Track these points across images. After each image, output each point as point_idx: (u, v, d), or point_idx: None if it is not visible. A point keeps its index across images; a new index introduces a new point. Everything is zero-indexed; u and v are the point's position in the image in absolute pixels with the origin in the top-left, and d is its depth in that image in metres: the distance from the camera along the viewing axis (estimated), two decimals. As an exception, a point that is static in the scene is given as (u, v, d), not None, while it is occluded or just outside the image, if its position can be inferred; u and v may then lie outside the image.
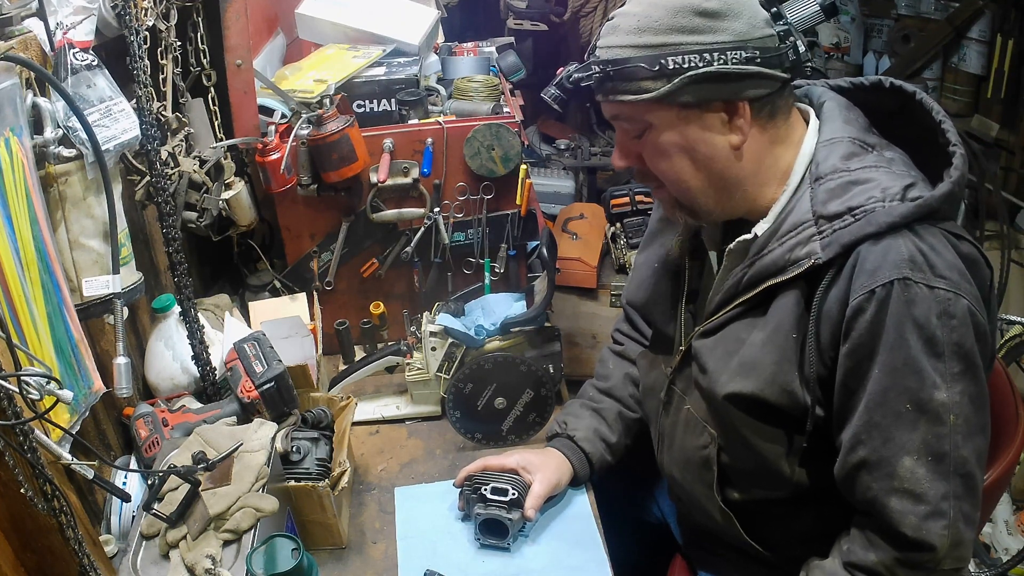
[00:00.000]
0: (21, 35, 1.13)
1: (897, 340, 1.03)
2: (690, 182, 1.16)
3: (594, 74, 1.12)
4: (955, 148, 1.12)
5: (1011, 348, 2.45)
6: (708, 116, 1.11)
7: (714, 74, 1.07)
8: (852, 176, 1.10)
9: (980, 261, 1.10)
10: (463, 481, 1.42)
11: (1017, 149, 2.77)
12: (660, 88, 1.08)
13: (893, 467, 1.06)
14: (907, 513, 1.06)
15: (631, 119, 1.15)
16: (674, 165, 1.15)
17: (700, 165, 1.14)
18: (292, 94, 1.78)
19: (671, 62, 1.07)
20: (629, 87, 1.10)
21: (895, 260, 1.03)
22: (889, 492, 1.06)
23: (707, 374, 1.22)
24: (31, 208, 1.10)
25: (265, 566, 1.09)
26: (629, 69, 1.09)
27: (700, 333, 1.25)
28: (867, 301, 1.04)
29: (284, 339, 1.61)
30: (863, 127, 1.18)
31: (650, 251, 1.45)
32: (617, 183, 2.99)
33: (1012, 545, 2.44)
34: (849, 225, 1.07)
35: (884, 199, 1.06)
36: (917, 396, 1.04)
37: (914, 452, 1.05)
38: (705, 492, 1.29)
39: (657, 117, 1.12)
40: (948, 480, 1.05)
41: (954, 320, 1.03)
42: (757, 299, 1.16)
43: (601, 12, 2.88)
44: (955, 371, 1.04)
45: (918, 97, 1.18)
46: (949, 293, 1.03)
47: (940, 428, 1.04)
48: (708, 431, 1.26)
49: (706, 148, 1.13)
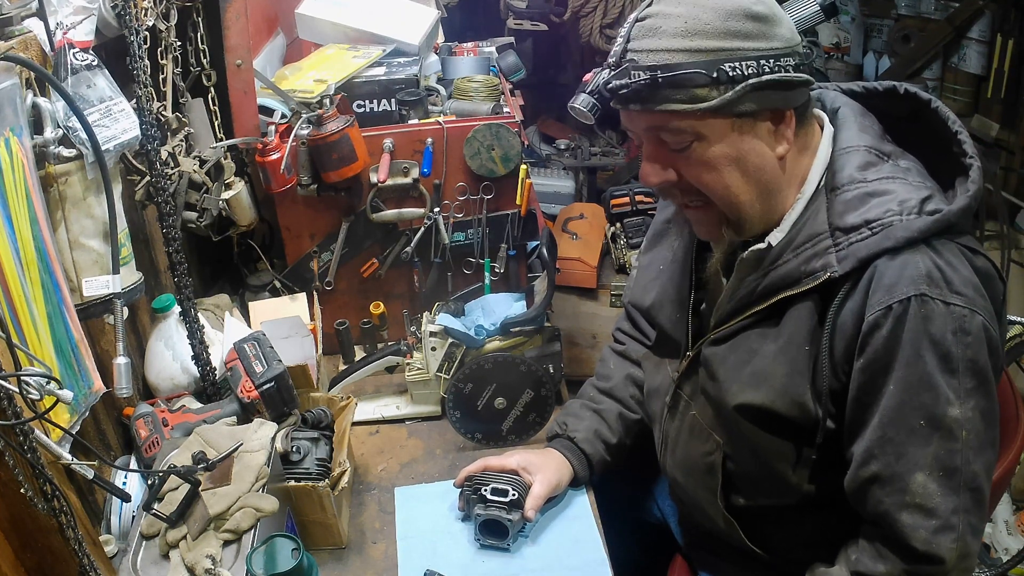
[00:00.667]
0: (21, 35, 1.13)
1: (913, 356, 1.03)
2: (740, 195, 1.10)
3: (639, 81, 1.03)
4: (972, 160, 1.10)
5: (1011, 348, 2.45)
6: (759, 125, 1.08)
7: (774, 82, 1.04)
8: (869, 187, 1.09)
9: (994, 276, 1.10)
10: (463, 481, 1.42)
11: (1017, 149, 2.76)
12: (719, 97, 1.02)
13: (905, 482, 1.06)
14: (918, 528, 1.05)
15: (677, 131, 1.07)
16: (724, 178, 1.09)
17: (750, 177, 1.10)
18: (292, 94, 1.78)
19: (730, 69, 1.01)
20: (682, 95, 1.03)
21: (912, 276, 1.02)
22: (900, 507, 1.06)
23: (717, 383, 1.21)
24: (31, 208, 1.10)
25: (265, 566, 1.09)
26: (683, 76, 1.01)
27: (711, 341, 1.24)
28: (884, 317, 1.03)
29: (284, 339, 1.61)
30: (878, 134, 1.16)
31: (655, 252, 1.43)
32: (617, 183, 3.00)
33: (1012, 545, 2.44)
34: (866, 239, 1.06)
35: (902, 212, 1.05)
36: (932, 412, 1.04)
37: (926, 468, 1.05)
38: (708, 497, 1.29)
39: (710, 128, 1.05)
40: (958, 495, 1.05)
41: (969, 336, 1.03)
42: (770, 310, 1.15)
43: (601, 12, 2.88)
44: (968, 387, 1.04)
45: (933, 105, 1.16)
46: (965, 310, 1.03)
47: (952, 444, 1.04)
48: (714, 438, 1.26)
49: (757, 159, 1.09)
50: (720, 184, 1.10)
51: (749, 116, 1.06)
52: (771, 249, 1.14)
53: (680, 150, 1.09)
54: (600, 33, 2.91)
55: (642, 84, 1.03)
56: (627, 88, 1.04)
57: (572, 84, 3.61)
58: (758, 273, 1.16)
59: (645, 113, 1.07)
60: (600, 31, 2.91)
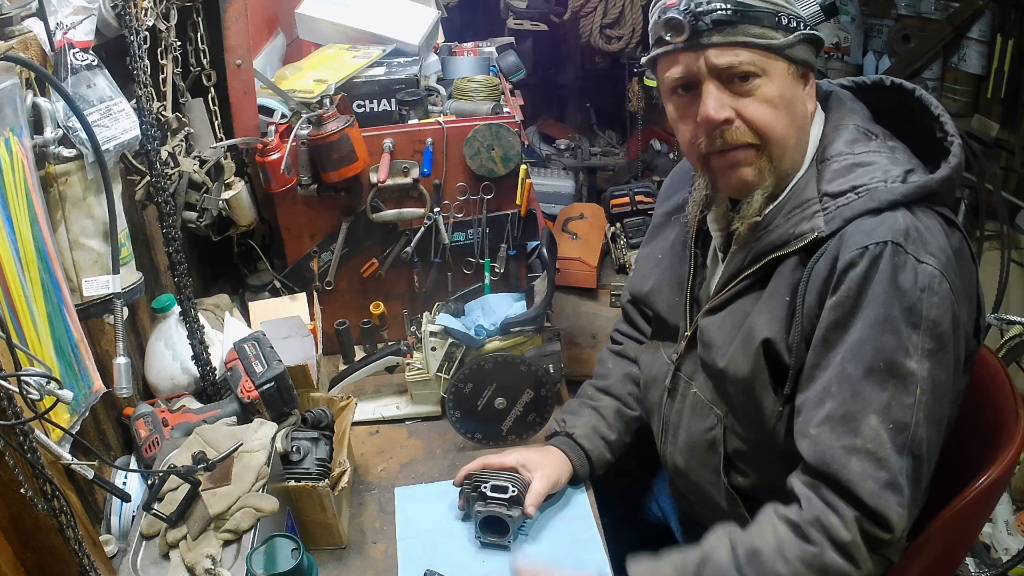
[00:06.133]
0: (21, 35, 1.13)
1: (884, 296, 1.06)
2: (791, 140, 1.17)
3: (724, 9, 1.10)
4: (953, 139, 1.17)
5: (1011, 348, 2.45)
6: (799, 79, 1.17)
7: (814, 37, 1.16)
8: (856, 159, 1.16)
9: (966, 254, 1.15)
10: (463, 480, 1.42)
11: (1017, 149, 2.76)
12: (782, 38, 1.12)
13: (858, 423, 1.06)
14: (867, 477, 1.05)
15: (747, 63, 1.12)
16: (781, 118, 1.15)
17: (796, 124, 1.17)
18: (292, 94, 1.79)
19: (787, 18, 1.13)
20: (756, 31, 1.11)
21: (891, 226, 1.07)
22: (851, 451, 1.06)
23: (714, 349, 1.25)
24: (31, 208, 1.10)
25: (265, 566, 1.09)
26: (761, 12, 1.11)
27: (706, 311, 1.28)
28: (860, 256, 1.07)
29: (284, 339, 1.61)
30: (866, 117, 1.23)
31: (654, 244, 1.47)
32: (617, 183, 3.00)
33: (1012, 545, 2.44)
34: (852, 202, 1.12)
35: (886, 180, 1.11)
36: (892, 357, 1.06)
37: (879, 413, 1.06)
38: (711, 478, 1.30)
39: (774, 66, 1.14)
40: (903, 456, 1.06)
41: (935, 297, 1.06)
42: (760, 272, 1.20)
43: (601, 12, 2.88)
44: (927, 347, 1.06)
45: (917, 94, 1.23)
46: (936, 271, 1.06)
47: (906, 398, 1.06)
48: (715, 411, 1.28)
49: (801, 107, 1.18)
50: (777, 123, 1.15)
51: (797, 65, 1.16)
52: (764, 216, 1.20)
53: (746, 85, 1.14)
54: (600, 33, 2.91)
55: (727, 12, 1.10)
56: (713, 13, 1.10)
57: (572, 84, 3.65)
58: (750, 241, 1.22)
59: (718, 46, 1.12)
60: (600, 31, 2.91)
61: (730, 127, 1.15)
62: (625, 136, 3.39)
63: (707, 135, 1.16)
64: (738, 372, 1.21)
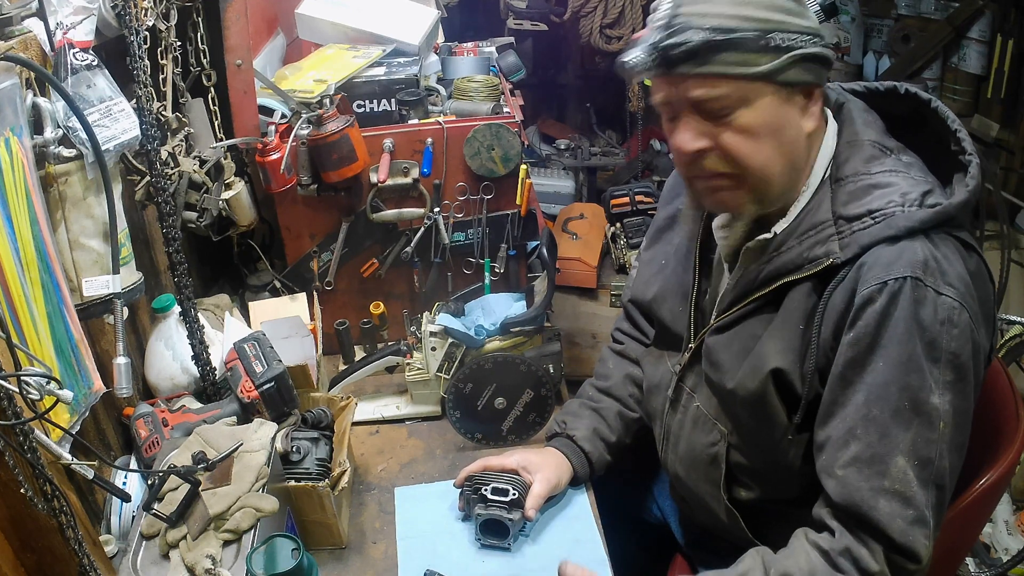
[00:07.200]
0: (21, 35, 1.13)
1: (905, 335, 1.04)
2: (774, 168, 1.11)
3: (694, 42, 1.03)
4: (971, 157, 1.13)
5: (1011, 348, 2.45)
6: (794, 99, 1.10)
7: (812, 55, 1.08)
8: (872, 180, 1.12)
9: (985, 276, 1.12)
10: (463, 481, 1.42)
11: (1017, 149, 2.76)
12: (768, 63, 1.05)
13: (887, 465, 1.05)
14: (895, 516, 1.05)
15: (723, 95, 1.07)
16: (763, 148, 1.10)
17: (784, 150, 1.11)
18: (292, 94, 1.78)
19: (779, 38, 1.05)
20: (734, 58, 1.04)
21: (910, 259, 1.04)
22: (879, 492, 1.06)
23: (721, 371, 1.23)
24: (31, 208, 1.10)
25: (265, 566, 1.09)
26: (738, 39, 1.03)
27: (713, 329, 1.25)
28: (878, 292, 1.05)
29: (284, 339, 1.60)
30: (881, 130, 1.19)
31: (657, 248, 1.45)
32: (617, 183, 3.00)
33: (1012, 545, 2.44)
34: (868, 227, 1.08)
35: (903, 204, 1.08)
36: (916, 396, 1.04)
37: (907, 453, 1.05)
38: (711, 491, 1.29)
39: (756, 94, 1.07)
40: (928, 489, 1.05)
41: (955, 330, 1.04)
42: (771, 295, 1.17)
43: (601, 12, 2.89)
44: (948, 379, 1.05)
45: (933, 105, 1.19)
46: (955, 303, 1.04)
47: (930, 433, 1.05)
48: (718, 428, 1.27)
49: (792, 132, 1.11)
50: (759, 154, 1.10)
51: (789, 87, 1.09)
52: (775, 237, 1.16)
53: (723, 116, 1.08)
54: (600, 33, 2.92)
55: (699, 44, 1.04)
56: (683, 47, 1.04)
57: (572, 84, 3.65)
58: (761, 261, 1.18)
59: (694, 77, 1.07)
60: (600, 31, 2.91)
61: (705, 157, 1.12)
62: (625, 136, 3.39)
63: (683, 164, 1.15)
64: (747, 396, 1.19)
